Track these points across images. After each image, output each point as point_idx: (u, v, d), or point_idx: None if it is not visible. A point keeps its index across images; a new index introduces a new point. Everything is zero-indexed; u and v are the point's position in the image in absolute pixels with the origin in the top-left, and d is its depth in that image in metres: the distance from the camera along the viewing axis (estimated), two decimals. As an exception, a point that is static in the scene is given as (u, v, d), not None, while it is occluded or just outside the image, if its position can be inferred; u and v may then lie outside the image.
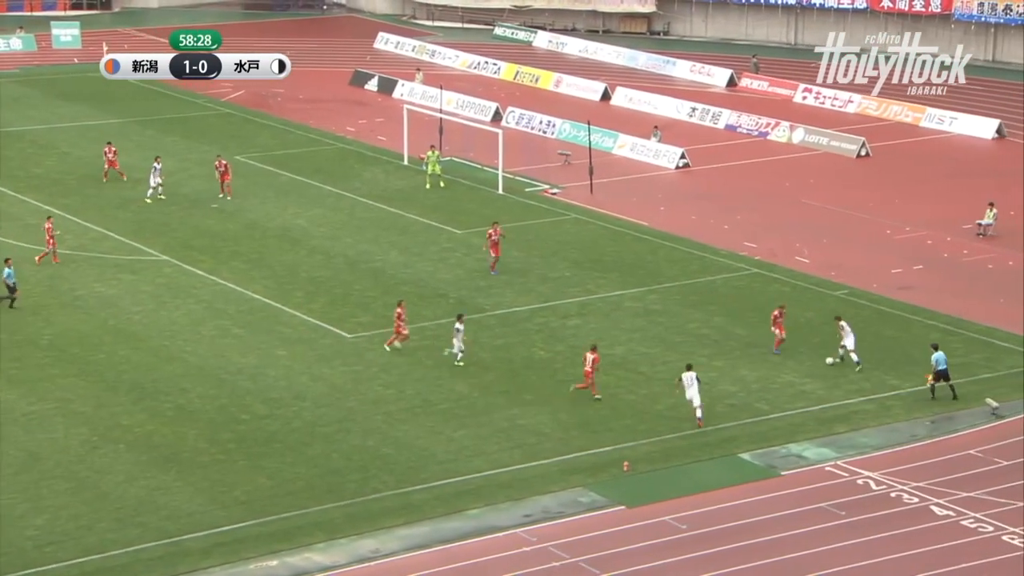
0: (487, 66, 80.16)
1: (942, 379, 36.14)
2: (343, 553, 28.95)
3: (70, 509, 30.31)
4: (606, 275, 46.16)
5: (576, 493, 31.54)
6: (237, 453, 33.17)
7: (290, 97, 72.36)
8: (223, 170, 53.89)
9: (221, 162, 54.30)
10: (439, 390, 36.86)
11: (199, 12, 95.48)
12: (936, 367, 36.13)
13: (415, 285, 45.00)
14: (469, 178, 57.61)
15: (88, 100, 69.76)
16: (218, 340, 39.98)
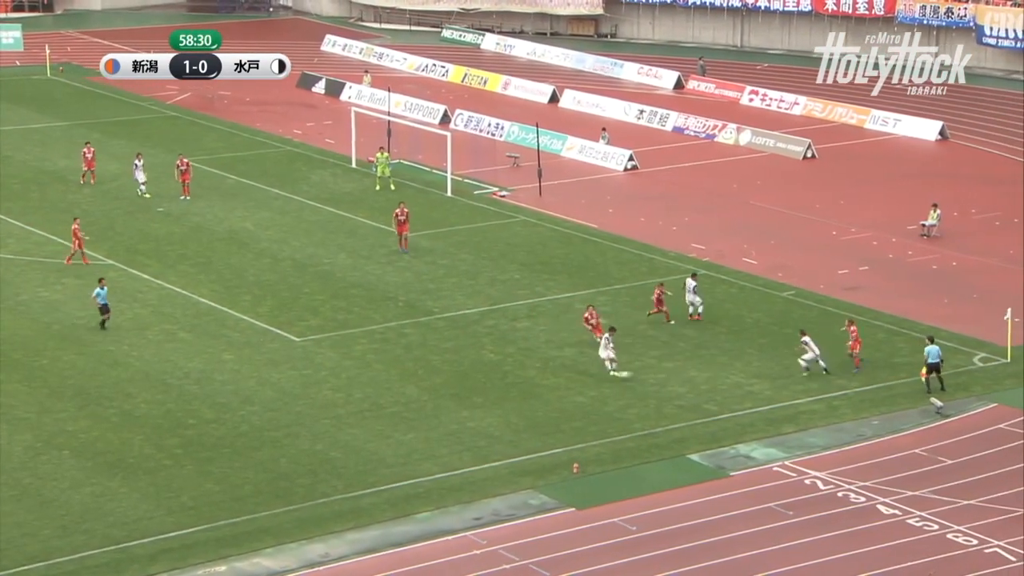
0: (435, 68, 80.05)
1: (934, 372, 36.49)
2: (292, 558, 28.78)
3: (13, 516, 29.93)
4: (555, 277, 46.20)
5: (526, 495, 31.52)
6: (184, 458, 32.88)
7: (237, 99, 71.90)
8: (184, 169, 53.62)
9: (183, 161, 54.03)
10: (388, 393, 36.73)
11: (143, 14, 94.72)
12: (928, 360, 36.48)
13: (364, 288, 44.82)
14: (418, 181, 57.48)
15: (31, 103, 68.98)
16: (164, 344, 39.63)
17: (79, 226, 46.21)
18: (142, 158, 54.59)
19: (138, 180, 54.00)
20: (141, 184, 53.94)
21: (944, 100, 67.67)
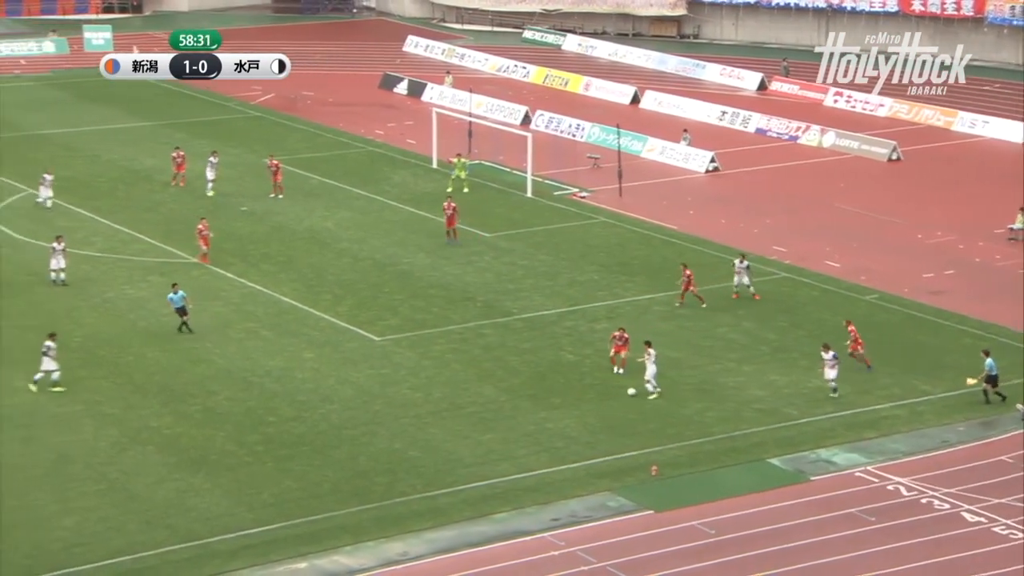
0: (516, 69, 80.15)
1: (991, 384, 35.94)
2: (370, 556, 28.94)
3: (99, 511, 30.40)
4: (634, 279, 46.03)
5: (604, 497, 31.44)
6: (265, 455, 33.21)
7: (320, 100, 72.53)
8: (275, 169, 54.20)
9: (273, 161, 54.59)
10: (466, 393, 36.82)
11: (229, 15, 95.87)
12: (989, 372, 35.92)
13: (443, 288, 44.98)
14: (498, 181, 57.58)
15: (119, 103, 70.08)
16: (246, 342, 40.06)
17: (206, 226, 46.46)
18: (217, 156, 55.22)
19: (207, 177, 54.50)
20: (209, 181, 54.43)
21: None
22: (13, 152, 60.50)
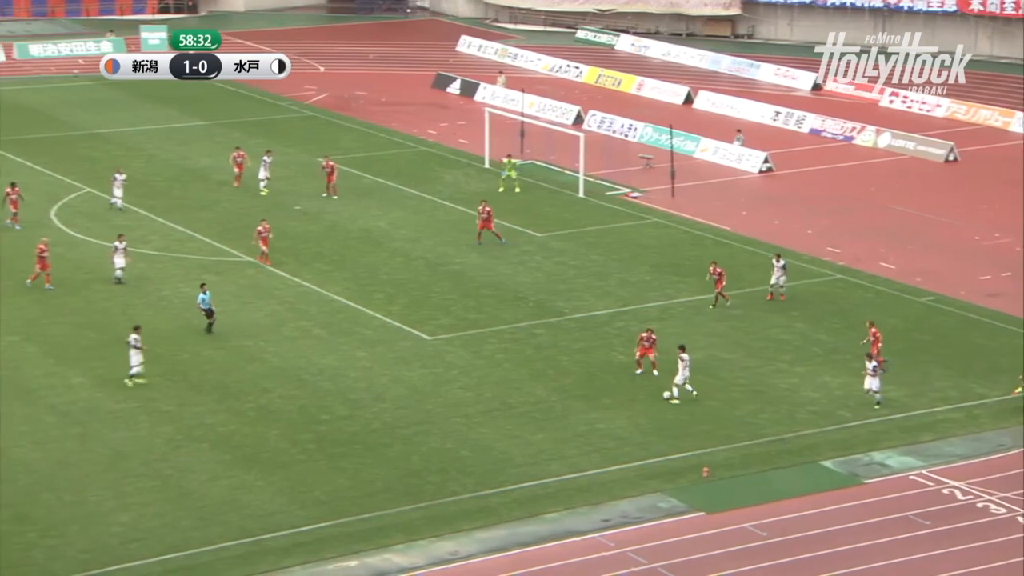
0: (569, 69, 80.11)
1: None
2: (422, 555, 29.04)
3: (154, 507, 30.70)
4: (686, 279, 45.88)
5: (655, 498, 31.37)
6: (317, 454, 33.40)
7: (373, 100, 72.82)
8: (330, 170, 54.44)
9: (328, 163, 54.81)
10: (518, 393, 36.85)
11: (284, 15, 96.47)
12: None
13: (495, 288, 45.04)
14: (550, 181, 57.58)
15: (175, 103, 70.66)
16: (299, 341, 40.30)
17: (267, 228, 46.46)
18: (271, 155, 55.56)
19: (260, 176, 54.91)
20: (262, 180, 54.82)
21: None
22: (71, 151, 61.20)
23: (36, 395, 36.12)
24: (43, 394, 36.20)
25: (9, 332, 40.11)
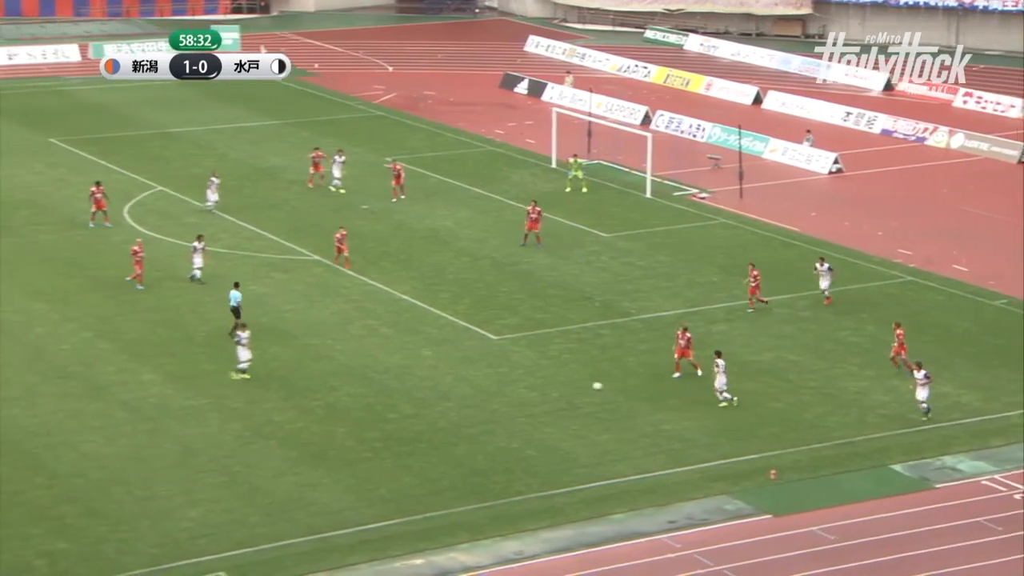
0: (637, 69, 79.86)
1: None
2: (487, 554, 29.06)
3: (223, 503, 30.99)
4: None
5: (721, 500, 31.18)
6: (384, 452, 33.55)
7: (441, 100, 73.04)
8: (397, 173, 54.36)
9: (395, 166, 54.71)
10: (583, 394, 36.78)
11: (353, 15, 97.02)
12: None
13: (561, 288, 44.99)
14: (617, 181, 57.43)
15: (246, 102, 71.29)
16: (366, 339, 40.50)
17: (343, 235, 46.10)
18: (344, 154, 55.84)
19: (333, 175, 55.22)
20: (335, 179, 55.12)
21: None
22: (143, 150, 61.95)
23: (108, 391, 36.60)
24: (115, 390, 36.67)
25: (83, 329, 40.69)
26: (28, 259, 46.85)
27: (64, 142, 62.37)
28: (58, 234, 49.60)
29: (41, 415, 34.99)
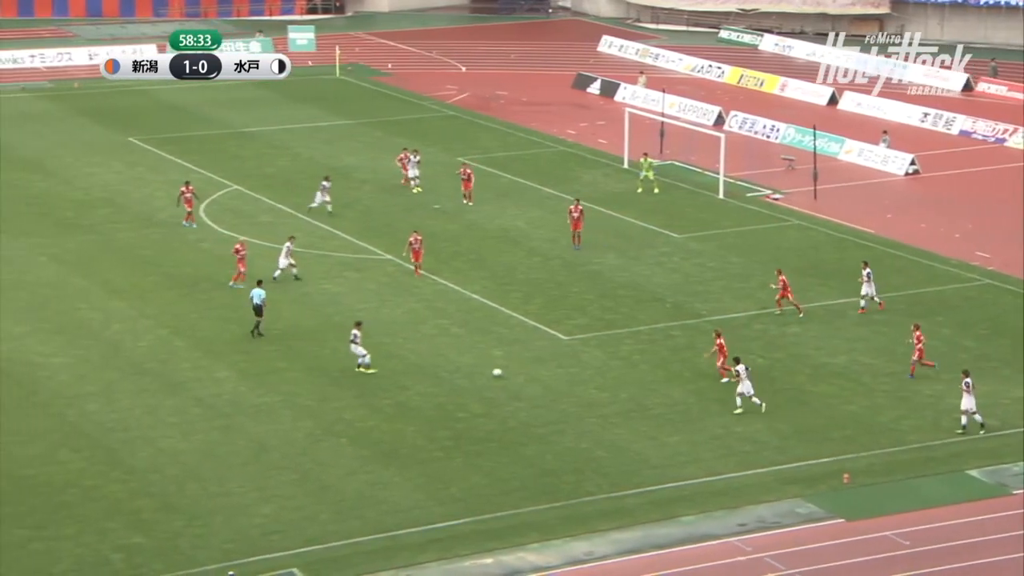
0: (711, 70, 79.42)
1: None
2: (556, 554, 29.05)
3: (294, 500, 31.24)
4: (828, 282, 45.14)
5: (793, 504, 30.93)
6: (454, 451, 33.64)
7: (514, 100, 73.13)
8: (466, 177, 53.97)
9: (465, 170, 54.30)
10: (654, 395, 36.65)
11: (427, 16, 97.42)
12: None
13: (632, 288, 44.86)
14: (689, 182, 57.16)
15: (320, 102, 71.90)
16: (437, 339, 40.64)
17: (416, 238, 45.61)
18: (419, 155, 56.02)
19: (409, 175, 55.42)
20: (412, 179, 55.30)
21: None
22: (220, 149, 62.65)
23: (183, 387, 37.06)
24: (190, 386, 37.12)
25: (159, 326, 41.23)
26: (106, 257, 47.56)
27: (143, 141, 63.24)
28: (135, 232, 50.30)
29: (119, 411, 35.52)
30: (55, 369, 37.89)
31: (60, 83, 72.36)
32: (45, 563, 28.50)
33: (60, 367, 38.02)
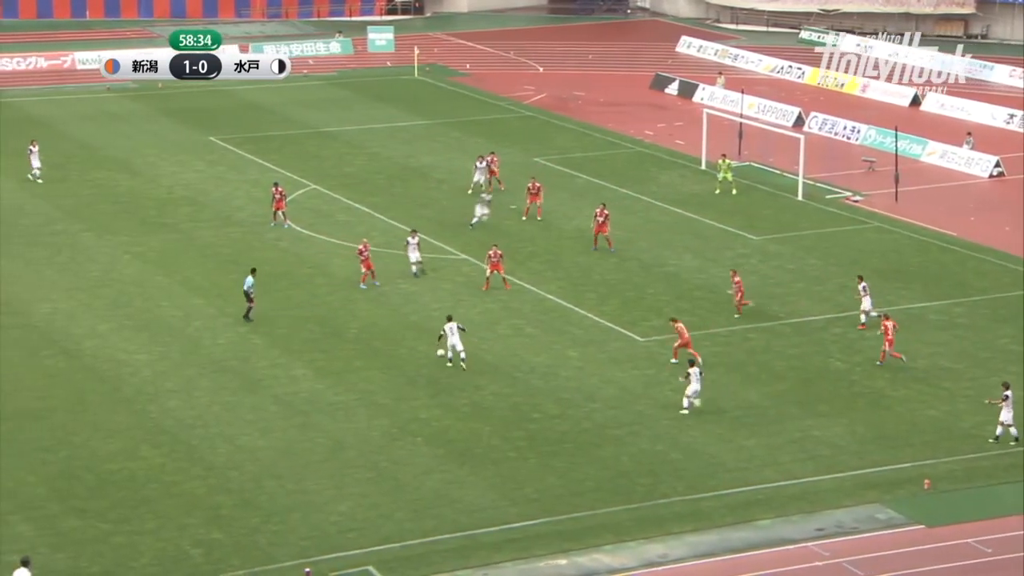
0: (791, 70, 78.72)
1: None
2: (631, 556, 28.97)
3: (370, 498, 31.42)
4: (909, 286, 44.57)
5: (872, 509, 30.58)
6: (528, 451, 33.66)
7: (591, 100, 73.01)
8: (535, 191, 52.49)
9: (535, 184, 52.56)
10: (730, 397, 36.41)
11: (506, 16, 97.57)
12: None
13: (709, 290, 44.59)
14: (767, 184, 56.71)
15: (398, 102, 72.27)
16: (512, 339, 40.68)
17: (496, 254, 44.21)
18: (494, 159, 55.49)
19: (476, 180, 54.99)
20: (478, 180, 54.80)
21: None
22: (300, 149, 63.19)
23: (262, 385, 37.42)
24: (268, 384, 37.48)
25: (238, 324, 41.66)
26: (187, 255, 48.18)
27: (224, 140, 63.99)
28: (216, 231, 50.89)
29: (198, 407, 35.95)
30: (138, 366, 38.46)
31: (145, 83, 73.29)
32: (127, 557, 28.93)
33: (142, 364, 38.58)
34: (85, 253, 47.95)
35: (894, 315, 41.82)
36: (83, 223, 51.30)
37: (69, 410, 35.58)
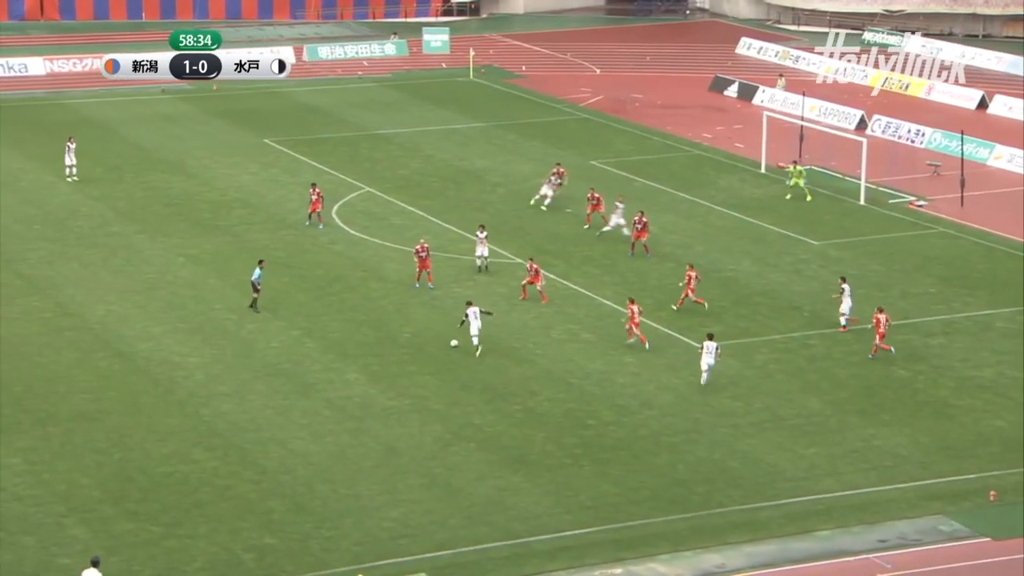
0: (854, 72, 77.64)
1: None
2: (687, 566, 28.43)
3: (423, 504, 31.08)
4: (975, 293, 43.64)
5: (935, 521, 29.86)
6: (583, 458, 33.17)
7: (649, 103, 72.37)
8: (595, 201, 50.99)
9: (593, 194, 51.44)
10: (789, 405, 35.73)
11: (563, 17, 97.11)
12: None
13: (768, 296, 43.88)
14: (828, 188, 55.85)
15: (453, 104, 72.00)
16: (567, 344, 40.20)
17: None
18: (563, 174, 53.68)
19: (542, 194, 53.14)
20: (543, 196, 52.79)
21: None
22: (354, 151, 63.06)
23: (315, 389, 37.19)
24: (321, 388, 37.24)
25: (291, 327, 41.50)
26: (241, 258, 48.05)
27: (278, 143, 63.99)
28: (269, 233, 50.79)
29: (251, 411, 35.77)
30: (191, 368, 38.35)
31: (199, 85, 73.55)
32: (179, 561, 28.75)
33: (196, 366, 38.47)
34: (139, 255, 48.01)
35: (960, 323, 40.99)
36: (137, 225, 51.40)
37: (123, 412, 35.52)
